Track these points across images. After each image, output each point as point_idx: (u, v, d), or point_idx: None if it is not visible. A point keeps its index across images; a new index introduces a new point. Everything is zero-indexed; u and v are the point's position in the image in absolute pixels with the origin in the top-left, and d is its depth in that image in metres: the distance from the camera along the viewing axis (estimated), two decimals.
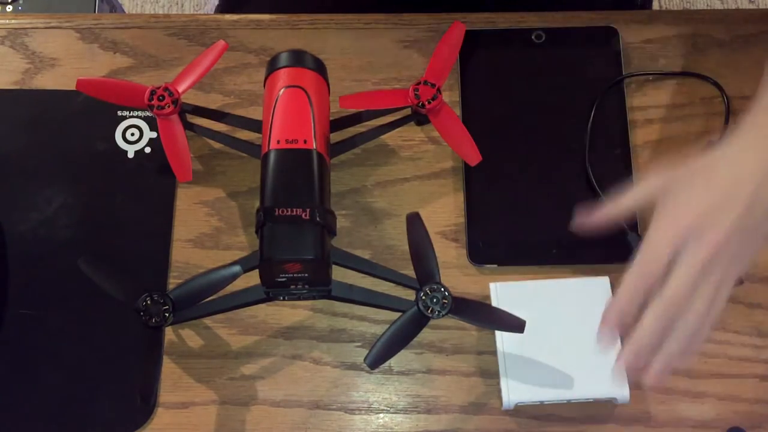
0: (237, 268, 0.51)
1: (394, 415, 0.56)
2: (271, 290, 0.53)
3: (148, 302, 0.51)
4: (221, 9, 0.89)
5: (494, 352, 0.56)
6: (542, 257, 0.59)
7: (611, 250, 0.59)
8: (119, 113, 0.64)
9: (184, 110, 0.59)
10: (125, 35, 0.67)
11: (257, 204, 0.53)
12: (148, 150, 0.63)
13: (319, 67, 0.57)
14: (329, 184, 0.55)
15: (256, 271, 0.52)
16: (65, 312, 0.58)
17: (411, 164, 0.62)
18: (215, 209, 0.61)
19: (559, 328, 0.55)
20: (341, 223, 0.60)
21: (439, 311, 0.50)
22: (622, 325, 0.49)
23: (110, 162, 0.62)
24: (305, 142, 0.53)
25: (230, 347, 0.58)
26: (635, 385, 0.56)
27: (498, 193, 0.61)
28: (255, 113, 0.62)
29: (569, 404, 0.56)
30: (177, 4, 1.53)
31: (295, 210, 0.51)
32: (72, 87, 0.58)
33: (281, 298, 0.55)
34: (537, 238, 0.59)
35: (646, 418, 0.56)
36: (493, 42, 0.65)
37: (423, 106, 0.57)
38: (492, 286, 0.57)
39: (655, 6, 1.37)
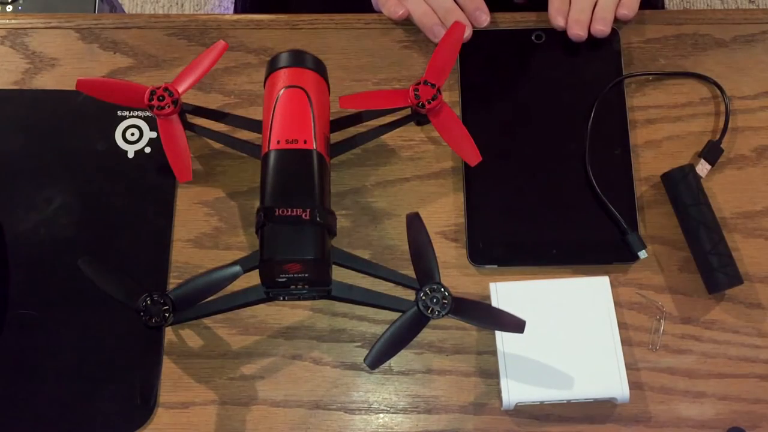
0: (237, 269, 0.51)
1: (394, 415, 0.56)
2: (271, 290, 0.53)
3: (148, 302, 0.51)
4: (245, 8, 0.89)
5: (494, 352, 0.56)
6: (542, 257, 0.59)
7: (611, 250, 0.59)
8: (119, 113, 0.64)
9: (184, 110, 0.59)
10: (125, 35, 0.67)
11: (257, 204, 0.53)
12: (148, 150, 0.63)
13: (319, 67, 0.57)
14: (329, 184, 0.55)
15: (256, 271, 0.52)
16: (65, 312, 0.58)
17: (411, 164, 0.62)
18: (215, 209, 0.61)
19: (559, 328, 0.55)
20: (341, 223, 0.60)
21: (439, 311, 0.50)
22: (564, 12, 0.63)
23: (110, 162, 0.62)
24: (305, 142, 0.53)
25: (230, 347, 0.58)
26: (635, 385, 0.56)
27: (498, 193, 0.61)
28: (255, 113, 0.62)
29: (569, 404, 0.56)
30: (177, 4, 1.53)
31: (295, 210, 0.51)
32: (72, 87, 0.58)
33: (281, 298, 0.55)
34: (537, 238, 0.59)
35: (646, 418, 0.56)
36: (493, 42, 0.65)
37: (423, 106, 0.57)
38: (492, 286, 0.57)
39: None
